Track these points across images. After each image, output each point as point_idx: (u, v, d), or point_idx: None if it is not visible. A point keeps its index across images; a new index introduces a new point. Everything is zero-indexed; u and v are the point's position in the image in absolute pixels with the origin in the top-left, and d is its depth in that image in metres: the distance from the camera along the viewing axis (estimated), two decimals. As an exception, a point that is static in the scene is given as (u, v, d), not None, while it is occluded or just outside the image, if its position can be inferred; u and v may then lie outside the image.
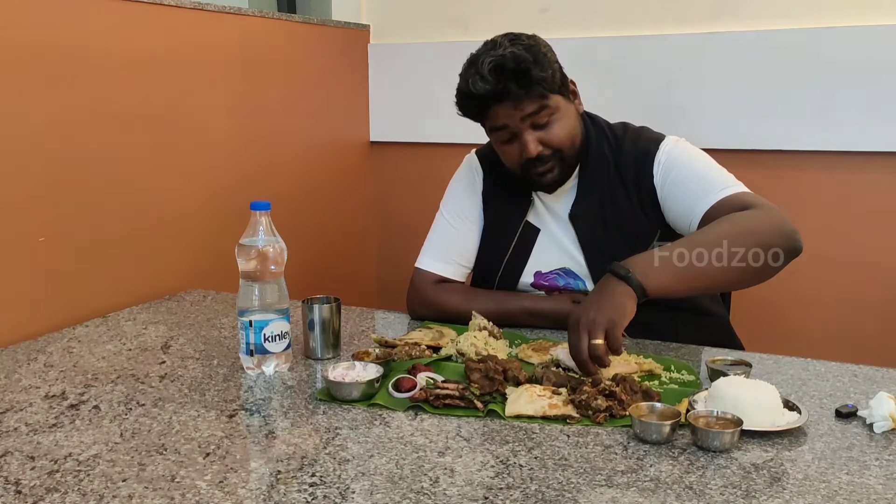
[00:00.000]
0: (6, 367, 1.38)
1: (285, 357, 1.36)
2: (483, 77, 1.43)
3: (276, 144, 2.28)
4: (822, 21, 2.13)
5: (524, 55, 1.43)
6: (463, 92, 1.49)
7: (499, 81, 1.42)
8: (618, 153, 1.57)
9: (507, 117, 1.47)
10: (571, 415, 1.15)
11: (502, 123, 1.48)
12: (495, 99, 1.44)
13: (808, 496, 0.94)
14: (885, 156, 2.12)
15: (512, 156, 1.52)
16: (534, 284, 1.62)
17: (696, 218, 1.44)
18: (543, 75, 1.44)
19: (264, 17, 2.20)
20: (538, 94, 1.45)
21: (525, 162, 1.50)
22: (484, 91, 1.43)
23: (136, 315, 1.70)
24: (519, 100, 1.44)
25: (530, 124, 1.47)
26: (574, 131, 1.53)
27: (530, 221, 1.61)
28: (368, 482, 0.97)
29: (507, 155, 1.53)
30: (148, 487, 0.96)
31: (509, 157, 1.53)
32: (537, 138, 1.48)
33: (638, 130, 1.62)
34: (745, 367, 1.30)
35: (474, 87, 1.44)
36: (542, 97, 1.45)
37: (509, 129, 1.48)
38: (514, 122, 1.47)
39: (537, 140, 1.48)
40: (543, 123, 1.48)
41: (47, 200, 1.61)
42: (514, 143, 1.50)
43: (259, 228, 1.33)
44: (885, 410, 1.10)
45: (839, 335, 2.21)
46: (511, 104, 1.44)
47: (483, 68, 1.43)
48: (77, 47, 1.65)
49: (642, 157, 1.55)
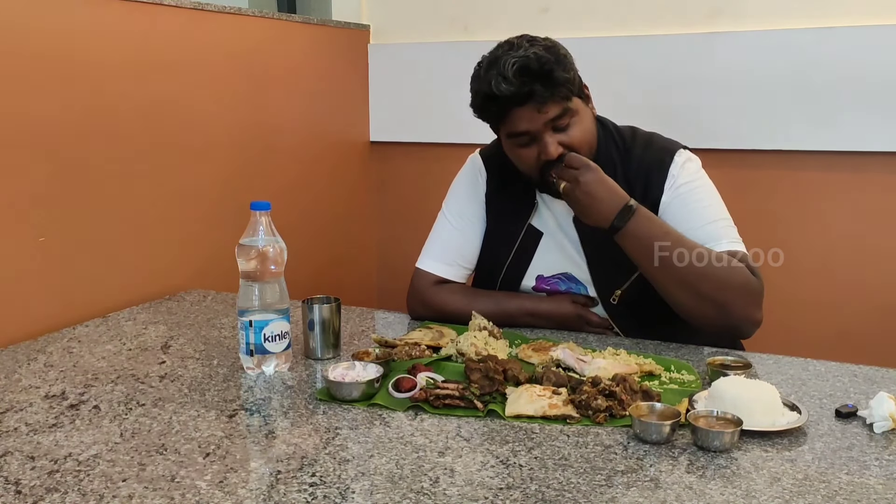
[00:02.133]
0: (6, 367, 1.38)
1: (285, 357, 1.36)
2: (507, 78, 1.39)
3: (276, 144, 2.28)
4: (822, 21, 2.13)
5: (546, 56, 1.40)
6: (484, 93, 1.44)
7: (523, 84, 1.39)
8: (626, 158, 1.55)
9: (530, 121, 1.43)
10: (571, 415, 1.15)
11: (524, 129, 1.45)
12: (518, 101, 1.41)
13: (808, 496, 0.94)
14: (886, 156, 2.12)
15: (529, 159, 1.49)
16: (535, 288, 1.62)
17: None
18: (567, 76, 1.42)
19: (264, 17, 2.20)
20: (562, 97, 1.42)
21: (543, 165, 1.47)
22: (508, 93, 1.40)
23: (136, 315, 1.70)
24: (543, 102, 1.41)
25: (551, 127, 1.45)
26: (591, 135, 1.51)
27: (534, 225, 1.60)
28: (368, 482, 0.97)
29: (524, 158, 1.50)
30: (148, 487, 0.96)
31: (526, 160, 1.49)
32: (558, 141, 1.45)
33: (648, 136, 1.60)
34: (745, 368, 1.30)
35: (497, 89, 1.40)
36: (566, 99, 1.43)
37: (529, 134, 1.45)
38: (535, 126, 1.44)
39: (557, 143, 1.45)
40: (564, 126, 1.45)
41: (47, 200, 1.61)
42: (531, 146, 1.47)
43: (259, 228, 1.33)
44: (885, 410, 1.10)
45: (839, 335, 2.21)
46: (534, 107, 1.41)
47: (506, 69, 1.39)
48: (77, 47, 1.65)
49: (656, 168, 1.53)
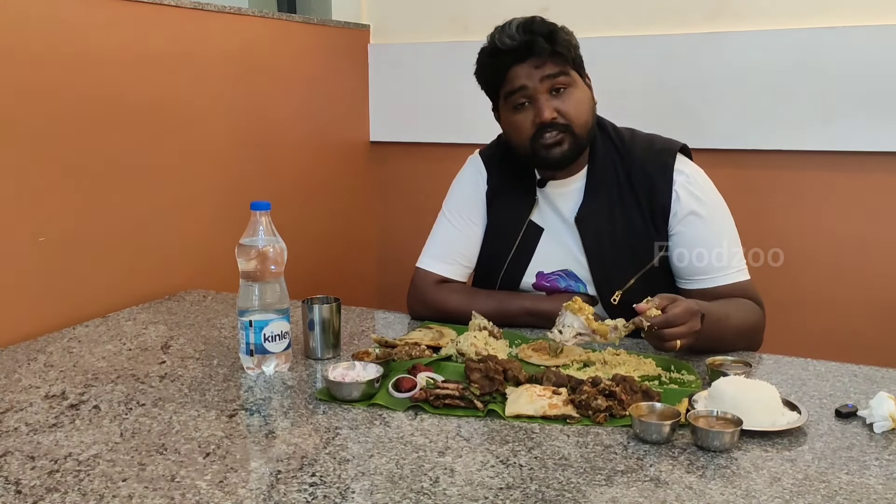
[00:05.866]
0: (6, 367, 1.38)
1: (285, 357, 1.36)
2: (510, 35, 1.48)
3: (276, 144, 2.28)
4: (823, 21, 2.13)
5: (552, 22, 1.50)
6: (487, 50, 1.53)
7: (526, 35, 1.47)
8: (628, 158, 1.56)
9: (528, 77, 1.48)
10: (571, 415, 1.15)
11: (521, 84, 1.49)
12: (520, 56, 1.48)
13: (807, 496, 0.94)
14: (886, 156, 2.12)
15: (524, 125, 1.52)
16: (535, 285, 1.62)
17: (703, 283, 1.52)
18: (569, 39, 1.50)
19: (264, 17, 2.20)
20: (561, 58, 1.48)
21: (536, 130, 1.50)
22: (511, 45, 1.47)
23: (136, 315, 1.70)
24: (542, 57, 1.47)
25: (548, 88, 1.49)
26: (588, 113, 1.54)
27: (534, 221, 1.61)
28: (368, 482, 0.97)
29: (518, 124, 1.52)
30: (148, 487, 0.96)
31: (520, 127, 1.52)
32: (553, 105, 1.49)
33: (648, 138, 1.61)
34: (745, 367, 1.30)
35: (501, 43, 1.48)
36: (565, 62, 1.49)
37: (526, 93, 1.49)
38: (533, 83, 1.48)
39: (552, 107, 1.49)
40: (560, 91, 1.50)
41: (47, 200, 1.61)
42: (527, 110, 1.51)
43: (259, 228, 1.33)
44: (885, 410, 1.10)
45: (839, 335, 2.21)
46: (533, 63, 1.47)
47: (511, 28, 1.48)
48: (77, 47, 1.65)
49: (660, 170, 1.54)
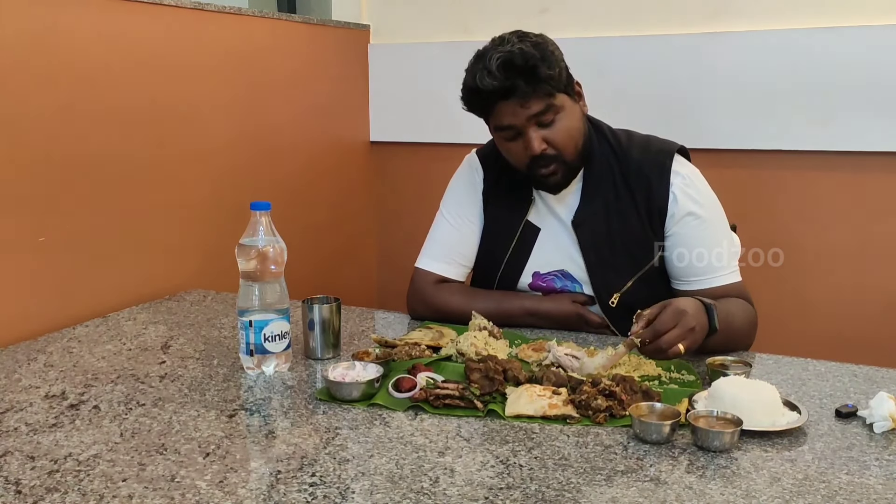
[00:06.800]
0: (6, 367, 1.38)
1: (285, 357, 1.36)
2: (491, 73, 1.42)
3: (276, 144, 2.28)
4: (822, 21, 2.13)
5: (532, 52, 1.42)
6: (469, 87, 1.48)
7: (506, 78, 1.41)
8: (625, 160, 1.56)
9: (513, 115, 1.46)
10: (571, 415, 1.15)
11: (508, 122, 1.47)
12: (502, 95, 1.44)
13: (807, 496, 0.94)
14: (886, 156, 2.12)
15: (517, 153, 1.51)
16: (531, 285, 1.62)
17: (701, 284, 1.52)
18: (551, 73, 1.43)
19: (264, 17, 2.20)
20: (545, 93, 1.44)
21: (530, 160, 1.49)
22: (491, 87, 1.43)
23: (136, 315, 1.70)
24: (526, 98, 1.43)
25: (535, 122, 1.47)
26: (577, 133, 1.52)
27: (531, 221, 1.61)
28: (368, 482, 0.97)
29: (513, 152, 1.52)
30: (148, 487, 0.96)
31: (515, 154, 1.52)
32: (542, 136, 1.47)
33: (645, 139, 1.61)
34: (745, 367, 1.30)
35: (481, 83, 1.43)
36: (549, 95, 1.45)
37: (515, 128, 1.48)
38: (519, 121, 1.46)
39: (541, 138, 1.47)
40: (548, 122, 1.47)
41: (47, 200, 1.61)
42: (518, 140, 1.49)
43: (259, 228, 1.33)
44: (885, 410, 1.10)
45: (839, 335, 2.21)
46: (517, 102, 1.44)
47: (491, 64, 1.42)
48: (77, 47, 1.65)
49: (657, 172, 1.54)
